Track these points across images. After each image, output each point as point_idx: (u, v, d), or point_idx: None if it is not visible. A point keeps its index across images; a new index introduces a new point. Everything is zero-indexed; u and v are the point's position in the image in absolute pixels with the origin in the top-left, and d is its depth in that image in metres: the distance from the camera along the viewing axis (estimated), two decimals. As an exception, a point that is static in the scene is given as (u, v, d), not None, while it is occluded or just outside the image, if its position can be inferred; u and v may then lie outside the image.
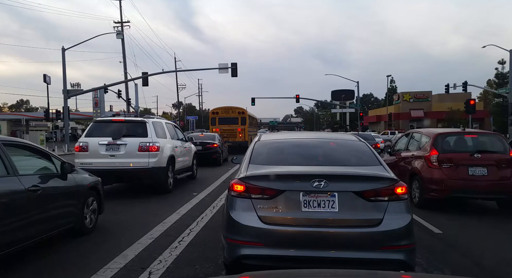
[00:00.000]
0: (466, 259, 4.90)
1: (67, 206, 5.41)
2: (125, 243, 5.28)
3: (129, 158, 9.04)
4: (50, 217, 4.96)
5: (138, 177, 9.29)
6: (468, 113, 30.66)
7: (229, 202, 3.78)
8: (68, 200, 5.44)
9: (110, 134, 9.26)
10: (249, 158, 4.18)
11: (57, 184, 5.22)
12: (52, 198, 5.05)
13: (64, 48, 31.43)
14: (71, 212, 5.48)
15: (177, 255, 4.75)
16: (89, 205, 5.99)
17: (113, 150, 9.12)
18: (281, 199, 3.55)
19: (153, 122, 9.76)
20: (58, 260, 4.73)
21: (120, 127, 9.54)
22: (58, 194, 5.22)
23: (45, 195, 4.77)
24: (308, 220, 3.50)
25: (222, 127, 26.34)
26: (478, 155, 7.56)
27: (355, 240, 3.42)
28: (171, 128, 11.13)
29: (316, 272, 2.15)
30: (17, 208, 4.32)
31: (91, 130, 9.60)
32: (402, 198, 3.60)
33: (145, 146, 9.09)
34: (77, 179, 5.75)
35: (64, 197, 5.36)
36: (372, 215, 3.49)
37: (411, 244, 3.49)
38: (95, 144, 9.16)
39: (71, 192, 5.50)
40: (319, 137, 5.15)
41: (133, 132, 9.34)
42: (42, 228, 4.79)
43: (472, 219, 7.18)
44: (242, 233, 3.55)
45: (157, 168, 9.19)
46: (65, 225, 5.36)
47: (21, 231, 4.37)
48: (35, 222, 4.60)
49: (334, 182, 3.55)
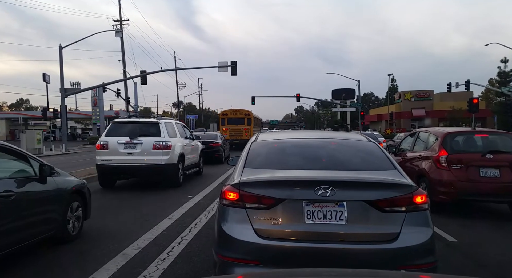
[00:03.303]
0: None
1: (47, 212, 4.96)
2: (108, 254, 4.79)
3: (145, 155, 10.03)
4: (26, 225, 4.52)
5: (152, 173, 10.16)
6: (471, 112, 30.22)
7: (220, 212, 3.28)
8: (48, 205, 4.99)
9: (127, 134, 10.21)
10: (244, 160, 3.68)
11: (35, 188, 4.76)
12: (29, 203, 4.60)
13: (62, 46, 30.95)
14: (51, 219, 5.03)
15: (164, 269, 4.24)
16: (73, 210, 5.56)
17: (130, 148, 10.07)
18: (281, 209, 3.06)
19: (165, 123, 10.77)
20: (27, 275, 4.23)
21: (136, 127, 10.50)
22: (36, 199, 4.77)
23: (20, 201, 4.34)
24: (312, 234, 3.01)
25: (230, 127, 30.25)
26: (490, 156, 7.09)
27: (367, 258, 2.91)
28: (180, 128, 12.17)
29: (317, 271, 2.05)
30: None
31: (110, 130, 10.55)
32: (422, 208, 3.10)
33: (158, 144, 10.05)
34: (58, 182, 5.29)
35: (43, 202, 4.90)
36: (387, 229, 3.00)
37: (433, 262, 2.99)
38: (114, 142, 10.11)
39: (52, 196, 5.05)
40: (323, 137, 4.60)
41: (148, 132, 10.29)
42: (18, 237, 4.35)
43: (486, 224, 6.69)
44: (235, 249, 3.06)
45: (169, 165, 10.18)
46: (45, 233, 4.91)
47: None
48: (8, 230, 4.17)
49: (342, 189, 3.05)
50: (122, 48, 40.03)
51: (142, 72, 30.38)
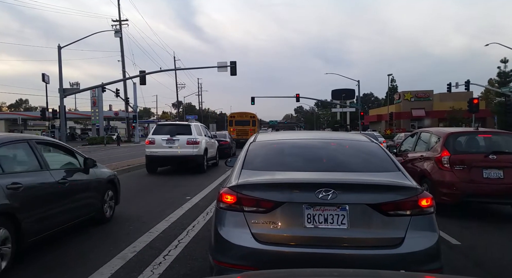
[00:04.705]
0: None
1: (90, 197, 5.95)
2: (102, 257, 4.65)
3: (181, 148, 13.70)
4: (76, 207, 5.49)
5: (186, 161, 13.95)
6: (471, 112, 30.14)
7: (217, 216, 3.15)
8: (91, 192, 5.99)
9: (168, 133, 13.91)
10: (242, 162, 3.54)
11: (81, 177, 5.79)
12: (78, 189, 5.59)
13: (60, 46, 30.78)
14: (93, 203, 6.03)
15: (160, 274, 4.10)
16: (108, 197, 6.54)
17: (170, 143, 13.77)
18: (280, 212, 2.94)
19: (194, 125, 14.59)
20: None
21: (174, 128, 14.28)
22: (83, 186, 5.78)
23: (72, 187, 5.33)
24: (313, 238, 2.89)
25: (237, 127, 34.31)
26: (494, 156, 6.96)
27: (370, 264, 2.76)
28: (203, 129, 16.03)
29: (317, 271, 2.03)
30: (49, 198, 4.84)
31: (156, 130, 14.42)
32: (428, 212, 2.97)
33: (190, 140, 13.71)
34: (97, 173, 6.28)
35: (87, 189, 5.90)
36: (391, 233, 2.87)
37: (438, 269, 2.87)
38: (159, 139, 13.80)
39: (93, 184, 6.07)
40: (324, 138, 4.47)
41: (182, 132, 13.92)
42: (70, 216, 5.34)
43: (489, 225, 6.57)
44: (232, 255, 2.93)
45: (198, 155, 13.89)
46: (89, 214, 5.94)
47: (53, 218, 4.87)
48: (64, 211, 5.14)
49: (344, 192, 2.92)
50: (122, 48, 40.04)
51: (141, 73, 30.24)
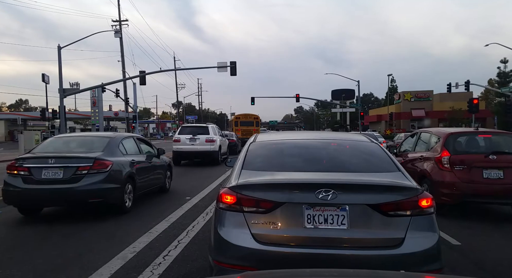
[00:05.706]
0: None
1: (160, 174, 9.32)
2: (102, 258, 4.64)
3: (201, 145, 17.41)
4: (155, 178, 8.95)
5: (204, 155, 17.57)
6: (471, 113, 30.13)
7: (217, 216, 3.14)
8: (160, 170, 9.36)
9: (190, 133, 17.74)
10: (242, 162, 3.53)
11: (156, 161, 9.17)
12: (155, 167, 9.00)
13: (60, 46, 30.75)
14: (161, 178, 9.44)
15: (159, 274, 4.09)
16: (168, 175, 10.02)
17: (192, 141, 17.46)
18: (280, 213, 2.93)
19: (210, 127, 18.36)
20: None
21: (195, 129, 18.22)
22: (157, 166, 9.11)
23: (153, 166, 8.86)
24: (313, 239, 2.88)
25: (242, 128, 37.43)
26: (494, 156, 6.95)
27: (370, 264, 2.76)
28: (218, 130, 19.89)
29: (317, 272, 2.03)
30: (145, 170, 8.30)
31: (180, 130, 18.45)
32: (428, 212, 2.96)
33: (208, 139, 17.45)
34: (163, 158, 9.80)
35: (160, 168, 9.32)
36: (391, 234, 2.86)
37: (439, 270, 2.86)
38: (183, 138, 17.54)
39: (161, 166, 9.49)
40: (324, 138, 4.47)
41: (202, 132, 17.75)
42: (152, 183, 8.78)
43: (489, 226, 6.56)
44: (232, 255, 2.93)
45: (214, 151, 17.58)
46: (159, 185, 9.32)
47: (146, 182, 8.30)
48: (150, 179, 8.58)
49: (344, 192, 2.91)
50: (121, 48, 39.93)
51: (141, 73, 30.19)
